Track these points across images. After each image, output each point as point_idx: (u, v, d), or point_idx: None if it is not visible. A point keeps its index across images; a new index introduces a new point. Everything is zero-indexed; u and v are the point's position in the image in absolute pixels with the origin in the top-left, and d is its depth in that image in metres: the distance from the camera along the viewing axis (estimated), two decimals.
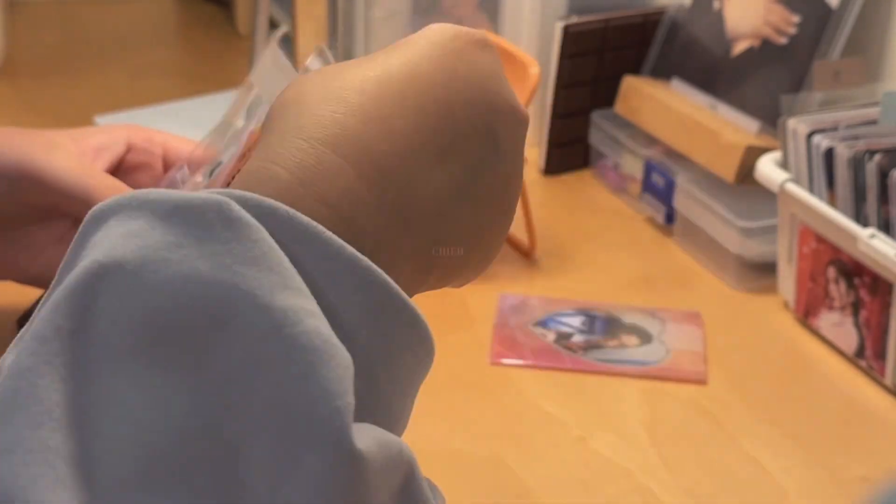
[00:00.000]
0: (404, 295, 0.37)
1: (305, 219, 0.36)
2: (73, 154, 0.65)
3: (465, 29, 0.47)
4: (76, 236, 0.36)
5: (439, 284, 0.44)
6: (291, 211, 0.36)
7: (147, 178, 0.71)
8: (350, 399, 0.34)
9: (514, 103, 0.44)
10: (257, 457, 0.34)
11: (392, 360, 0.38)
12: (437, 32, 0.46)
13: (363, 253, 0.37)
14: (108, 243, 0.35)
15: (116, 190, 0.63)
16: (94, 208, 0.36)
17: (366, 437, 0.35)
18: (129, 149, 0.70)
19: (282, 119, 0.40)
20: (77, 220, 0.67)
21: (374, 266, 0.37)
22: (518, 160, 0.44)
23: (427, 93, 0.42)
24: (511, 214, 0.45)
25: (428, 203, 0.40)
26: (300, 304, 0.35)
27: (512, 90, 0.45)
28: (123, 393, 0.33)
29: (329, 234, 0.36)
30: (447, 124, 0.41)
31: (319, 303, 0.35)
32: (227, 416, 0.34)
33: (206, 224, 0.35)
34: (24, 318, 0.68)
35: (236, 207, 0.35)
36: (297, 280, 0.35)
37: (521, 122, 0.44)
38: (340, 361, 0.34)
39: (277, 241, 0.35)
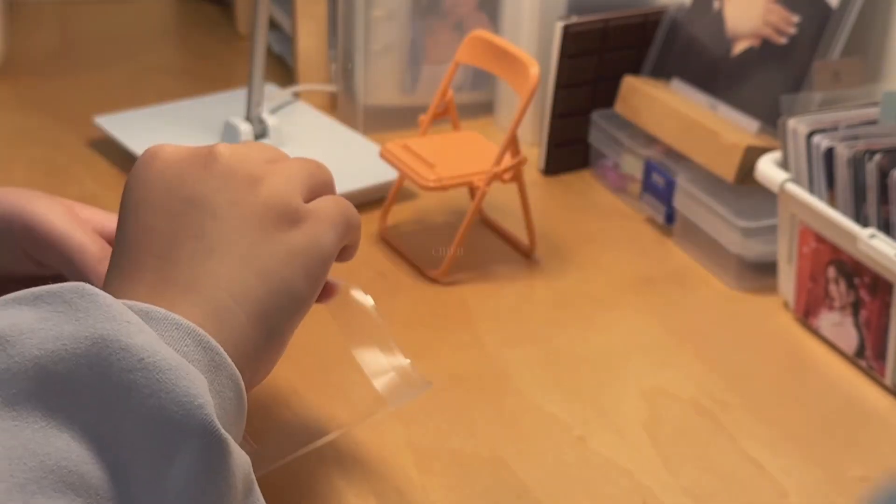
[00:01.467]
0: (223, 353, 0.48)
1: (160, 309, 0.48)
2: (62, 209, 0.64)
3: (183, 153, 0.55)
4: None
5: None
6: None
7: None
8: (209, 399, 0.44)
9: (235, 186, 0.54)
10: (139, 468, 0.42)
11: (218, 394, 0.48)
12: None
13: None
14: None
15: (105, 252, 0.62)
16: None
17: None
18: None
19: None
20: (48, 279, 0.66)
21: (203, 332, 0.48)
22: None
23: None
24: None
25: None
26: (153, 340, 0.44)
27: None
28: (4, 437, 0.41)
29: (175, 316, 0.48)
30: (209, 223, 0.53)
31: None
32: (107, 441, 0.42)
33: (66, 301, 0.44)
34: None
35: (91, 287, 0.45)
36: (147, 328, 0.45)
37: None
38: (195, 376, 0.44)
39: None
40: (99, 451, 0.42)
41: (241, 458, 0.45)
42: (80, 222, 0.64)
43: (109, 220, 0.67)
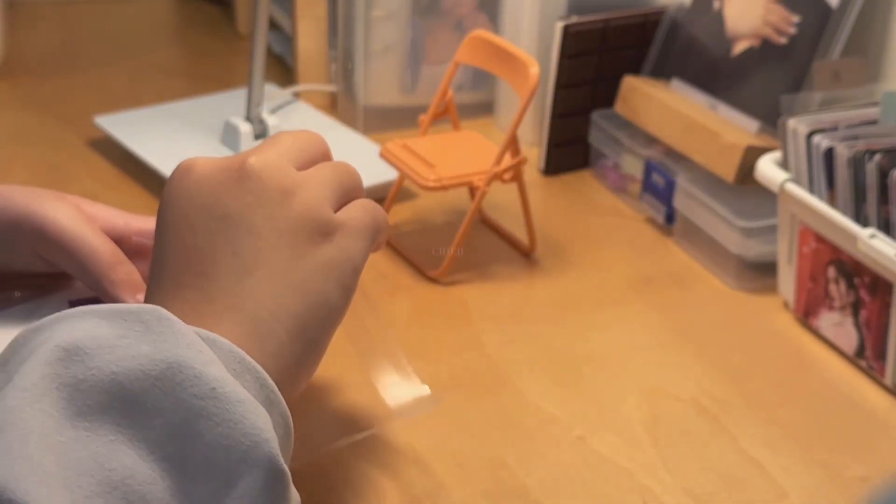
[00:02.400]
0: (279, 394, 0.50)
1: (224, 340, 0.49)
2: (73, 211, 0.64)
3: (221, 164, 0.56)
4: (38, 324, 0.46)
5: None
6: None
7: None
8: (274, 435, 0.46)
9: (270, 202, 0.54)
10: (200, 492, 0.44)
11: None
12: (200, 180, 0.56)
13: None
14: (68, 334, 0.45)
15: (118, 259, 0.63)
16: (58, 314, 0.46)
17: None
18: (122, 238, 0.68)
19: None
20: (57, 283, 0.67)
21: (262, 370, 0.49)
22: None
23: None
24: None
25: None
26: (223, 372, 0.46)
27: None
28: (77, 446, 0.43)
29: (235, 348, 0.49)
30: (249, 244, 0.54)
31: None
32: (172, 462, 0.44)
33: (143, 322, 0.46)
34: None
35: (166, 312, 0.47)
36: (217, 360, 0.47)
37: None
38: (261, 412, 0.46)
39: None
40: (162, 471, 0.44)
41: (295, 494, 0.47)
42: (90, 224, 0.64)
43: (115, 217, 0.67)
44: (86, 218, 0.64)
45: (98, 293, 0.64)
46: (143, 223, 0.68)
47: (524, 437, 0.68)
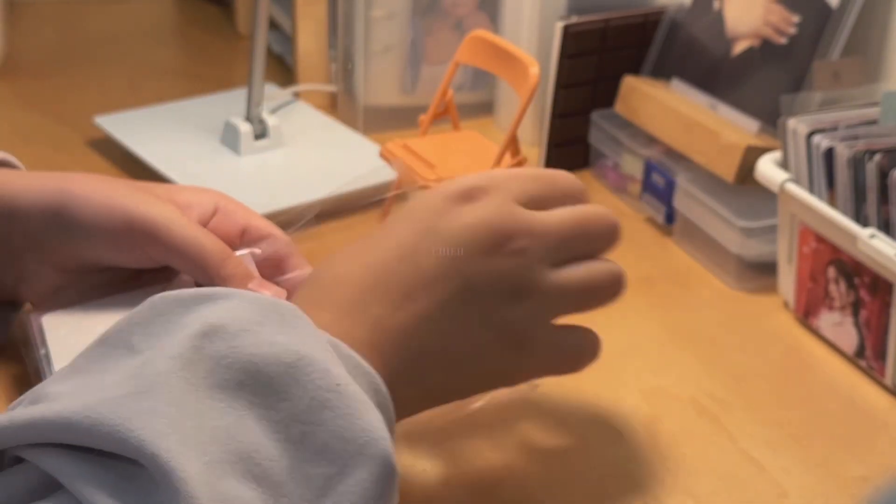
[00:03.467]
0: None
1: (340, 344, 0.52)
2: (178, 212, 0.67)
3: (446, 189, 0.58)
4: (183, 299, 0.50)
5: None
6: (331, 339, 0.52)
7: None
8: (389, 436, 0.48)
9: (478, 247, 0.56)
10: (315, 475, 0.47)
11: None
12: (421, 201, 0.59)
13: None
14: (214, 313, 0.49)
15: (226, 254, 0.66)
16: (173, 295, 0.50)
17: None
18: (216, 212, 0.70)
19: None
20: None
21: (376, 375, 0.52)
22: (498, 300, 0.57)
23: (392, 250, 0.57)
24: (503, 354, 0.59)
25: (398, 335, 0.55)
26: (346, 374, 0.49)
27: (480, 232, 0.57)
28: (213, 414, 0.46)
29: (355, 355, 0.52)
30: (411, 271, 0.56)
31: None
32: (293, 443, 0.47)
33: (281, 314, 0.50)
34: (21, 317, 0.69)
35: (300, 311, 0.51)
36: (340, 363, 0.50)
37: (491, 267, 0.56)
38: (379, 416, 0.49)
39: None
40: (283, 450, 0.46)
41: (397, 494, 0.50)
42: (194, 223, 0.67)
43: (204, 205, 0.70)
44: (188, 216, 0.67)
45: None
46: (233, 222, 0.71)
47: (524, 437, 0.68)
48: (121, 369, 0.47)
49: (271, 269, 0.70)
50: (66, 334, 0.65)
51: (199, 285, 0.66)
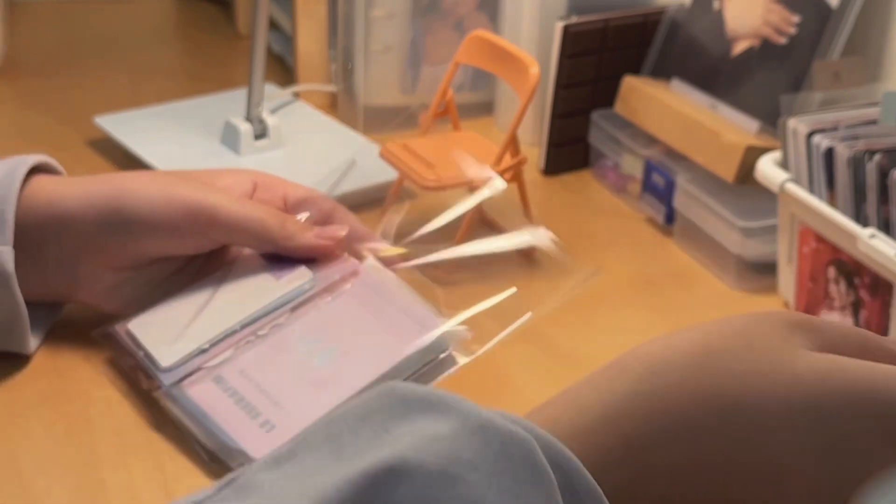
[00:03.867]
0: None
1: (587, 475, 0.41)
2: (228, 193, 0.71)
3: (785, 313, 0.48)
4: (407, 399, 0.41)
5: None
6: (577, 463, 0.41)
7: None
8: None
9: (779, 392, 0.45)
10: None
11: None
12: (757, 314, 0.48)
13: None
14: (414, 442, 0.38)
15: (283, 217, 0.70)
16: (402, 391, 0.41)
17: None
18: (255, 188, 0.74)
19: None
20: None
21: None
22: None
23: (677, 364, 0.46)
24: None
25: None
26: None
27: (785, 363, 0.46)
28: None
29: (594, 484, 0.41)
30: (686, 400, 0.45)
31: None
32: None
33: (505, 456, 0.39)
34: (101, 333, 0.71)
35: (540, 455, 0.39)
36: None
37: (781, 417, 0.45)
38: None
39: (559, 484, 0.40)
40: None
41: None
42: (245, 199, 0.71)
43: (244, 183, 0.73)
44: (240, 193, 0.71)
45: (279, 252, 0.71)
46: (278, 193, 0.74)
47: None
48: (315, 478, 0.39)
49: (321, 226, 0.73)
50: (157, 334, 0.68)
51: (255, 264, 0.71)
